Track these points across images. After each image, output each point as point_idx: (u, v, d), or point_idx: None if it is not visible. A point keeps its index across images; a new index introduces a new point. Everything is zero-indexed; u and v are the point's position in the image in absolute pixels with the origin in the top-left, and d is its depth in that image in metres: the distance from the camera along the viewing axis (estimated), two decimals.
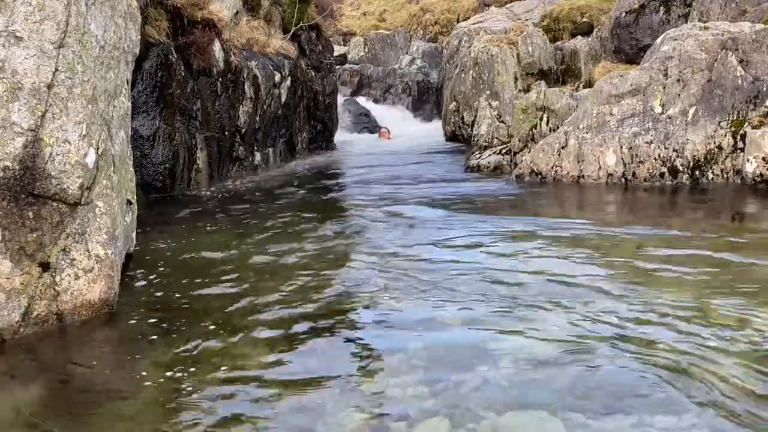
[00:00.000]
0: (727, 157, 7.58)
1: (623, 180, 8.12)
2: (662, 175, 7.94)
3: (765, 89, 7.47)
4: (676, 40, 8.44)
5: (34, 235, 3.43)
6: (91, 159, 3.63)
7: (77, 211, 3.61)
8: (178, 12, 8.84)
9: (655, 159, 7.98)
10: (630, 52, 12.31)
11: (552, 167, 8.60)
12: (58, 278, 3.55)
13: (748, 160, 7.35)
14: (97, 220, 3.71)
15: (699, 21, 10.36)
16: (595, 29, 14.12)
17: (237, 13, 11.04)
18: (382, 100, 20.95)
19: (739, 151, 7.49)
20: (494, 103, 13.33)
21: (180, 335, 3.45)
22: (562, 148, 8.56)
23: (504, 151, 10.43)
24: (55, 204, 3.50)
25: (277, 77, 11.57)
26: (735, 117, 7.61)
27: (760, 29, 7.82)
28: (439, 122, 16.69)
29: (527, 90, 12.42)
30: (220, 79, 9.67)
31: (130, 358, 3.24)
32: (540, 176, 8.70)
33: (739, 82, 7.65)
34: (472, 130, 13.69)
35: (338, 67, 19.63)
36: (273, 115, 11.63)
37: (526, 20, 16.28)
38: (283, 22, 12.96)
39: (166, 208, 7.53)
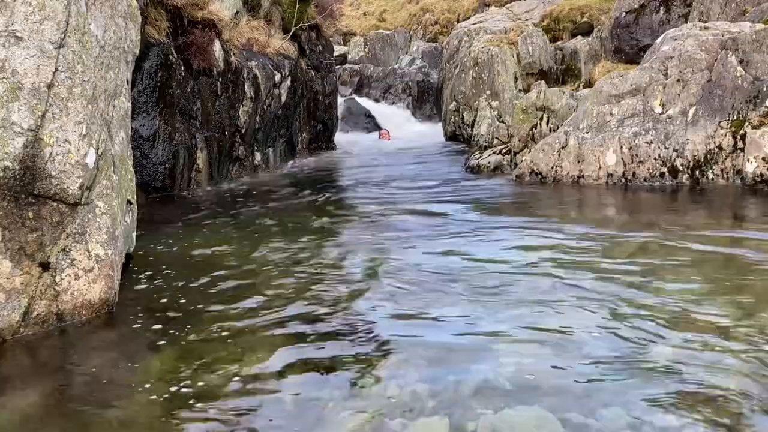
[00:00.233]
0: (727, 157, 7.58)
1: (623, 180, 8.12)
2: (662, 175, 7.94)
3: (765, 89, 7.46)
4: (676, 40, 8.44)
5: (34, 235, 3.43)
6: (91, 159, 3.63)
7: (77, 211, 3.61)
8: (178, 12, 8.84)
9: (655, 159, 7.98)
10: (630, 52, 12.30)
11: (552, 167, 8.60)
12: (58, 278, 3.55)
13: (748, 160, 7.35)
14: (97, 220, 3.71)
15: (699, 21, 10.35)
16: (595, 29, 14.12)
17: (237, 13, 11.05)
18: (382, 100, 20.95)
19: (739, 151, 7.49)
20: (494, 103, 13.34)
21: (180, 336, 3.45)
22: (562, 148, 8.56)
23: (504, 151, 10.43)
24: (55, 204, 3.50)
25: (277, 77, 11.58)
26: (735, 117, 7.61)
27: (760, 29, 7.82)
28: (439, 122, 16.70)
29: (527, 90, 12.43)
30: (220, 79, 9.67)
31: (130, 358, 3.23)
32: (540, 176, 8.70)
33: (739, 82, 7.64)
34: (472, 130, 13.70)
35: (338, 67, 19.64)
36: (273, 115, 11.63)
37: (526, 20, 16.28)
38: (283, 22, 12.96)
39: (166, 208, 7.53)
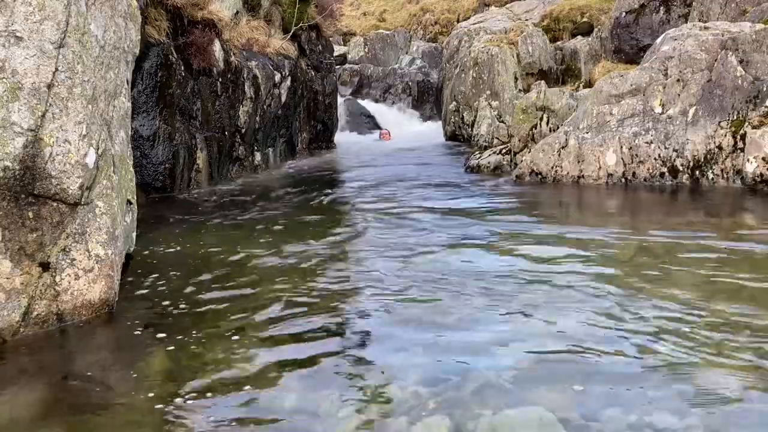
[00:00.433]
0: (727, 157, 7.57)
1: (623, 180, 8.11)
2: (662, 175, 7.93)
3: (765, 89, 7.46)
4: (676, 40, 8.44)
5: (34, 235, 3.43)
6: (91, 159, 3.63)
7: (77, 211, 3.61)
8: (178, 12, 8.84)
9: (655, 159, 7.98)
10: (630, 52, 12.30)
11: (552, 167, 8.60)
12: (58, 278, 3.54)
13: (748, 160, 7.35)
14: (97, 220, 3.71)
15: (699, 21, 10.35)
16: (595, 29, 14.12)
17: (237, 13, 11.05)
18: (382, 100, 20.96)
19: (739, 151, 7.49)
20: (494, 103, 13.34)
21: (180, 336, 3.44)
22: (562, 148, 8.56)
23: (504, 151, 10.43)
24: (55, 204, 3.50)
25: (277, 77, 11.58)
26: (735, 117, 7.60)
27: (760, 29, 7.81)
28: (439, 122, 16.70)
29: (527, 90, 12.43)
30: (220, 79, 9.67)
31: (130, 358, 3.23)
32: (540, 176, 8.69)
33: (739, 82, 7.64)
34: (472, 130, 13.70)
35: (338, 67, 19.66)
36: (273, 115, 11.63)
37: (526, 20, 16.29)
38: (283, 22, 12.97)
39: (166, 208, 7.53)
